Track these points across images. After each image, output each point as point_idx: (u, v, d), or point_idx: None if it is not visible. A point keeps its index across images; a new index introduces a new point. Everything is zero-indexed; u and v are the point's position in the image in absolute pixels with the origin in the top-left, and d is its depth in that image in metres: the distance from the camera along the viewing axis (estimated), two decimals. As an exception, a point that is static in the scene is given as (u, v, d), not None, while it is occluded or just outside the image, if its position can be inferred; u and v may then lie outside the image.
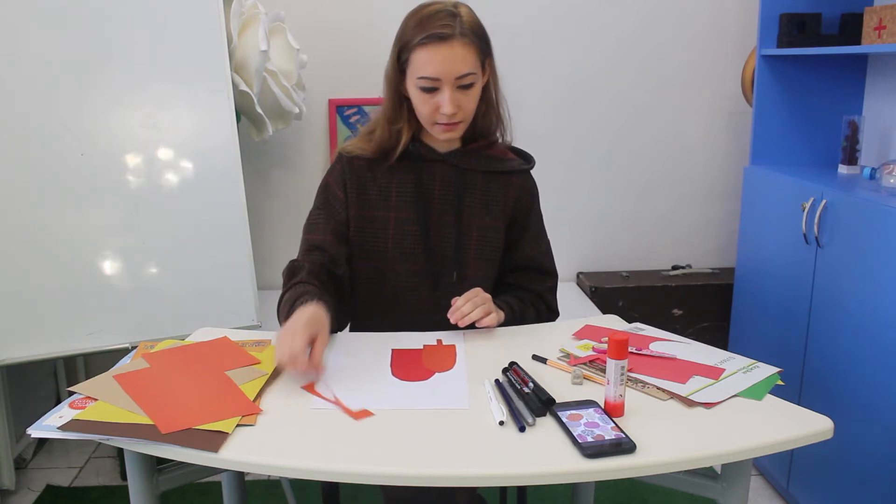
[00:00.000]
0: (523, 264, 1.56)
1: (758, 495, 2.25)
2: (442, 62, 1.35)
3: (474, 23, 1.40)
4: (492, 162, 1.52)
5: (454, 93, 1.38)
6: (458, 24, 1.36)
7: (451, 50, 1.35)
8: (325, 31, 2.66)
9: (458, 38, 1.35)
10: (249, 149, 2.60)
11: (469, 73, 1.38)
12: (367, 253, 1.50)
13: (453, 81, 1.37)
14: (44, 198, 1.94)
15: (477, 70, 1.39)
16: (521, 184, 1.55)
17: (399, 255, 1.49)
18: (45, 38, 1.95)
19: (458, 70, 1.36)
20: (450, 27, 1.35)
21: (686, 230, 2.93)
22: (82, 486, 2.33)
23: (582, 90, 2.78)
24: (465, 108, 1.41)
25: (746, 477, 1.14)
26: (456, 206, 1.49)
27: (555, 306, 1.60)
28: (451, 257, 1.49)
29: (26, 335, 1.91)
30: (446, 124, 1.42)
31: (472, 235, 1.50)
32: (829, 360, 1.94)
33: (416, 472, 0.99)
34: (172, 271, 2.04)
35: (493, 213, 1.52)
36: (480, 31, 1.41)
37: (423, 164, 1.50)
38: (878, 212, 1.75)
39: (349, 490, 1.40)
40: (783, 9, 2.28)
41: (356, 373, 1.26)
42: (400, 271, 1.49)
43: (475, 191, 1.51)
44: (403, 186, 1.49)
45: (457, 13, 1.38)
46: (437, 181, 1.50)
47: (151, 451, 1.05)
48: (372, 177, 1.50)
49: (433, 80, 1.37)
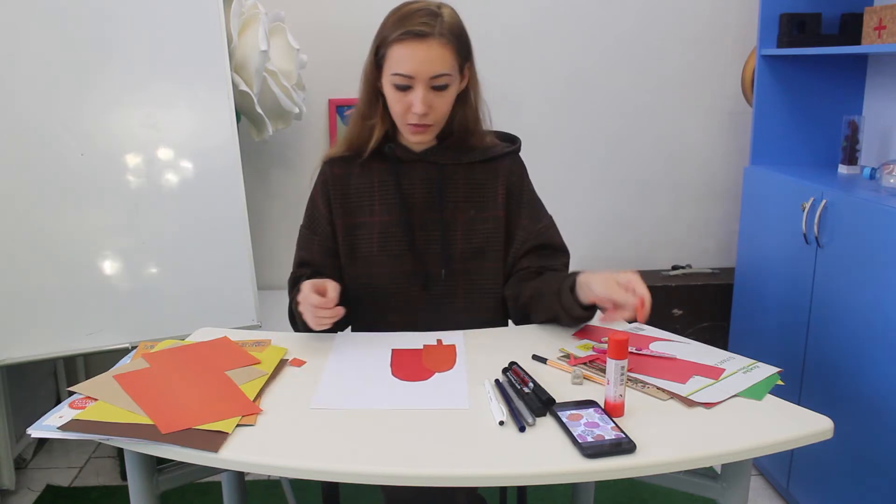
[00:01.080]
0: (530, 242, 1.51)
1: (758, 495, 2.25)
2: (417, 60, 1.35)
3: (455, 25, 1.39)
4: (471, 153, 1.50)
5: (427, 93, 1.37)
6: (439, 23, 1.35)
7: (428, 49, 1.34)
8: (325, 31, 2.66)
9: (437, 37, 1.34)
10: (249, 149, 2.60)
11: (443, 75, 1.36)
12: (356, 259, 1.50)
13: (427, 81, 1.36)
14: (44, 198, 1.94)
15: (453, 72, 1.38)
16: (508, 167, 1.52)
17: (386, 258, 1.48)
18: (45, 38, 1.95)
19: (433, 70, 1.35)
20: (428, 26, 1.34)
21: (686, 230, 2.93)
22: (82, 486, 2.33)
23: (582, 90, 2.78)
24: (437, 111, 1.40)
25: (746, 477, 1.14)
26: (438, 204, 1.48)
27: None
28: (438, 255, 1.48)
29: (26, 335, 1.91)
30: (416, 125, 1.41)
31: (458, 230, 1.49)
32: (829, 361, 1.94)
33: (416, 472, 0.99)
34: (172, 271, 2.04)
35: (480, 205, 1.50)
36: (461, 34, 1.40)
37: (401, 165, 1.49)
38: (878, 212, 1.75)
39: (349, 490, 1.39)
40: (783, 9, 2.28)
41: (356, 373, 1.26)
42: (388, 274, 1.48)
43: (457, 185, 1.49)
44: (384, 189, 1.49)
45: (438, 13, 1.37)
46: (418, 181, 1.49)
47: (151, 451, 1.05)
48: (353, 183, 1.50)
49: (407, 77, 1.36)
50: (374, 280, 1.50)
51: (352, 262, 1.51)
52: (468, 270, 1.50)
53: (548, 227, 1.54)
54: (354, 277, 1.51)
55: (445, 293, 1.49)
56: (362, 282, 1.51)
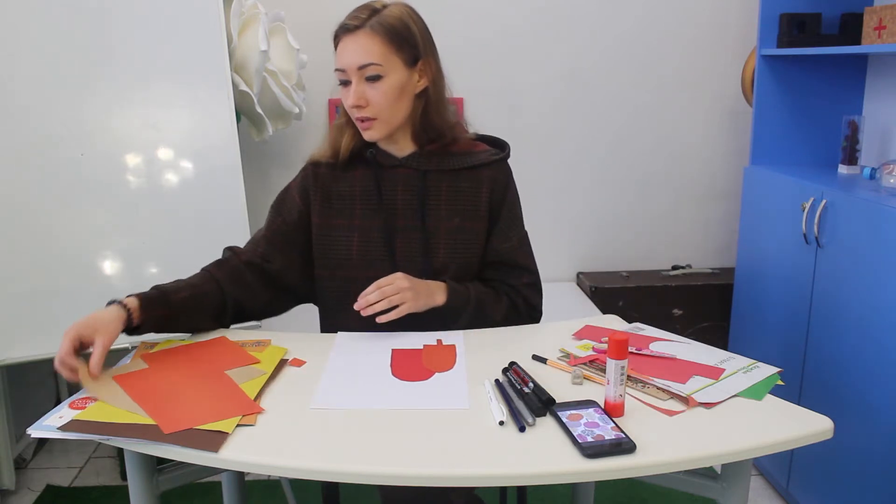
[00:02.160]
0: (492, 258, 1.49)
1: (758, 495, 2.25)
2: (347, 53, 1.37)
3: (395, 18, 1.38)
4: (455, 159, 1.48)
5: (360, 85, 1.37)
6: (374, 17, 1.36)
7: (355, 40, 1.36)
8: (325, 31, 2.62)
9: (365, 29, 1.36)
10: (249, 149, 2.60)
11: (371, 64, 1.36)
12: (331, 262, 1.48)
13: (357, 73, 1.37)
14: (44, 198, 1.94)
15: (384, 63, 1.37)
16: (493, 175, 1.48)
17: (364, 263, 1.46)
18: (46, 39, 1.95)
19: (359, 60, 1.36)
20: (358, 19, 1.37)
21: (686, 230, 2.93)
22: (82, 486, 2.33)
23: (582, 90, 2.78)
24: (375, 103, 1.38)
25: (746, 477, 1.14)
26: (419, 211, 1.46)
27: (536, 303, 1.53)
28: (419, 263, 1.45)
29: (26, 335, 1.91)
30: (359, 119, 1.41)
31: (441, 240, 1.46)
32: (829, 360, 1.94)
33: (416, 472, 0.99)
34: (172, 271, 2.02)
35: (463, 213, 1.47)
36: (399, 26, 1.38)
37: (382, 170, 1.48)
38: (878, 212, 1.75)
39: (349, 490, 1.39)
40: (783, 9, 2.28)
41: (356, 373, 1.26)
42: (365, 280, 1.41)
43: (440, 193, 1.47)
44: (365, 195, 1.48)
45: (378, 8, 1.38)
46: (399, 187, 1.47)
47: (151, 451, 1.05)
48: (335, 186, 1.50)
49: (341, 71, 1.38)
50: (349, 284, 1.45)
51: (324, 263, 1.49)
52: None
53: (515, 247, 1.51)
54: (326, 279, 1.49)
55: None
56: (335, 284, 1.48)
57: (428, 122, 1.46)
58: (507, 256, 1.50)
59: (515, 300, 1.50)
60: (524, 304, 1.51)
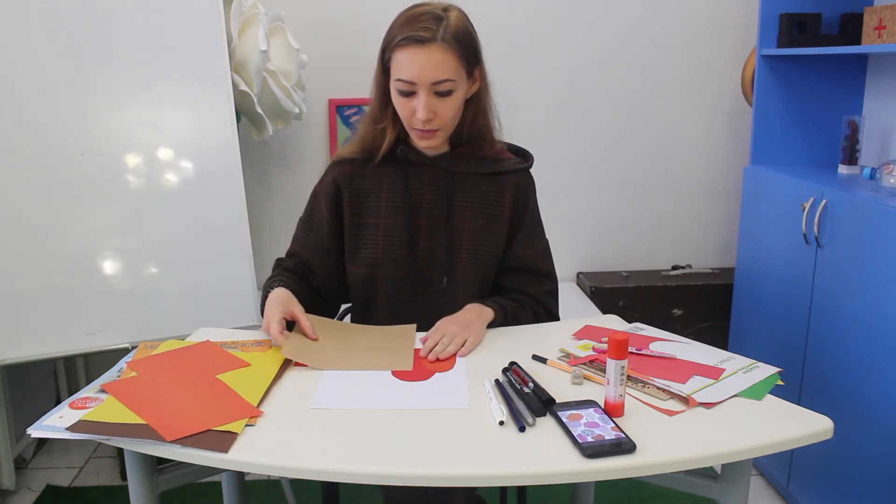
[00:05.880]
0: (514, 265, 1.52)
1: (758, 495, 2.25)
2: (418, 66, 1.32)
3: (460, 29, 1.36)
4: (484, 163, 1.49)
5: (430, 98, 1.35)
6: (442, 28, 1.33)
7: (429, 54, 1.32)
8: (325, 31, 2.66)
9: (438, 43, 1.32)
10: (249, 149, 2.60)
11: (446, 80, 1.34)
12: (360, 260, 1.50)
13: (429, 87, 1.34)
14: (44, 198, 1.94)
15: (457, 77, 1.36)
16: (518, 182, 1.51)
17: (389, 261, 1.47)
18: (46, 38, 1.95)
19: (435, 76, 1.33)
20: (430, 31, 1.32)
21: (686, 230, 2.93)
22: (82, 486, 2.33)
23: (581, 90, 2.78)
24: (442, 116, 1.38)
25: (746, 477, 1.14)
26: (446, 211, 1.47)
27: (555, 311, 1.57)
28: (442, 262, 1.47)
29: (26, 335, 1.91)
30: (422, 131, 1.39)
31: (464, 240, 1.48)
32: (829, 360, 1.94)
33: (416, 472, 0.99)
34: (172, 271, 2.04)
35: (487, 217, 1.48)
36: (466, 38, 1.37)
37: (411, 168, 1.48)
38: (878, 212, 1.75)
39: (349, 490, 1.39)
40: (783, 9, 2.28)
41: (356, 373, 1.26)
42: (390, 277, 1.48)
43: (466, 194, 1.48)
44: (392, 192, 1.48)
45: (443, 17, 1.34)
46: (427, 186, 1.48)
47: (155, 451, 1.04)
48: (363, 184, 1.49)
49: (409, 83, 1.34)
50: (374, 281, 1.49)
51: (353, 260, 1.51)
52: (470, 282, 1.49)
53: (537, 254, 1.53)
54: (354, 276, 1.51)
55: (445, 300, 1.47)
56: (361, 281, 1.51)
57: (475, 127, 1.47)
58: (530, 263, 1.52)
59: (537, 309, 1.53)
60: (545, 313, 1.54)
